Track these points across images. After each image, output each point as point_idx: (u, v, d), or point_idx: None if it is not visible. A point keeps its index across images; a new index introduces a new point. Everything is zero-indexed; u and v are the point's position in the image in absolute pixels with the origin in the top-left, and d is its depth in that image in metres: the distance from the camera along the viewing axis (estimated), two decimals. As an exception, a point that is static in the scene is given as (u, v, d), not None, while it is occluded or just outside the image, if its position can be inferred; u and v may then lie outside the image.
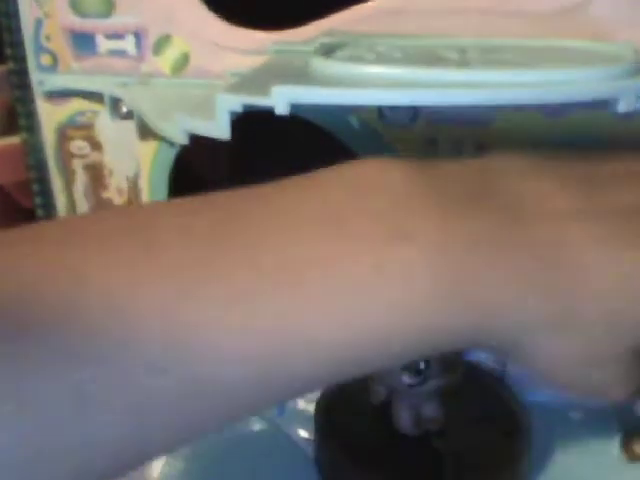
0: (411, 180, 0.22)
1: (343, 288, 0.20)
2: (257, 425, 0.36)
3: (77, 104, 0.36)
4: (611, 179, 0.24)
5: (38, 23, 0.34)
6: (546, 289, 0.21)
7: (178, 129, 0.28)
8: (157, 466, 0.33)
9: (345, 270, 0.20)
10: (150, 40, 0.33)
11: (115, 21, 0.33)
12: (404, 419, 0.33)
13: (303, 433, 0.35)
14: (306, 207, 0.21)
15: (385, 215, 0.21)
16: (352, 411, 0.34)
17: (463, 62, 0.26)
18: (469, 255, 0.20)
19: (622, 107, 0.23)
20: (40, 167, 0.37)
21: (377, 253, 0.20)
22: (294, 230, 0.20)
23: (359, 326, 0.20)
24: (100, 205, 0.38)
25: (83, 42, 0.34)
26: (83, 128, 0.36)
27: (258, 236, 0.20)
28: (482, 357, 0.37)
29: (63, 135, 0.36)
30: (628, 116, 0.25)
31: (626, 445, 0.35)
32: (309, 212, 0.21)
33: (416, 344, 0.21)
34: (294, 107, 0.23)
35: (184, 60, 0.33)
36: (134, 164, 0.37)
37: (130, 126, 0.35)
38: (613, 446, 0.35)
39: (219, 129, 0.25)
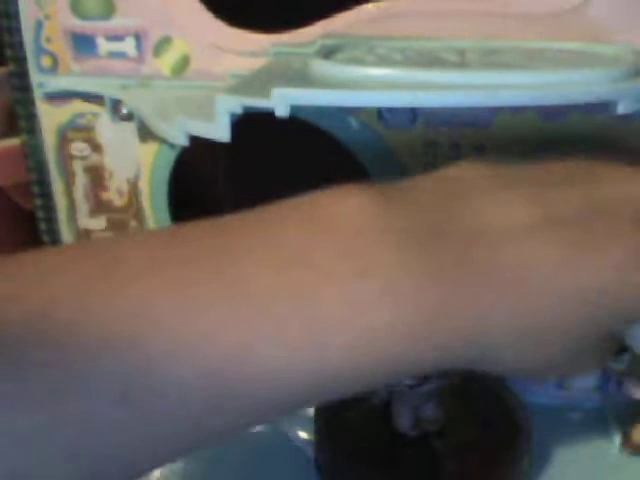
0: (370, 213, 0.22)
1: (307, 320, 0.20)
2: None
3: (77, 106, 0.36)
4: (563, 182, 0.24)
5: (38, 25, 0.34)
6: (508, 314, 0.21)
7: (178, 131, 0.28)
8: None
9: (310, 302, 0.20)
10: (150, 42, 0.33)
11: (115, 23, 0.33)
12: (403, 419, 0.33)
13: (302, 434, 0.35)
14: (270, 243, 0.21)
15: (346, 250, 0.21)
16: (352, 411, 0.34)
17: (462, 64, 0.26)
18: (427, 291, 0.21)
19: (621, 109, 0.23)
20: (40, 169, 0.37)
21: (341, 287, 0.20)
22: (259, 265, 0.21)
23: (321, 357, 0.20)
24: (100, 206, 0.38)
25: (83, 44, 0.34)
26: (83, 130, 0.36)
27: (222, 273, 0.20)
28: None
29: (63, 137, 0.37)
30: (627, 118, 0.25)
31: (625, 438, 0.35)
32: (273, 248, 0.21)
33: (380, 373, 0.21)
34: (294, 109, 0.23)
35: (184, 62, 0.33)
36: (134, 166, 0.37)
37: (130, 128, 0.35)
38: (613, 446, 0.35)
39: (219, 131, 0.25)
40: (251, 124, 0.28)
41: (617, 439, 0.35)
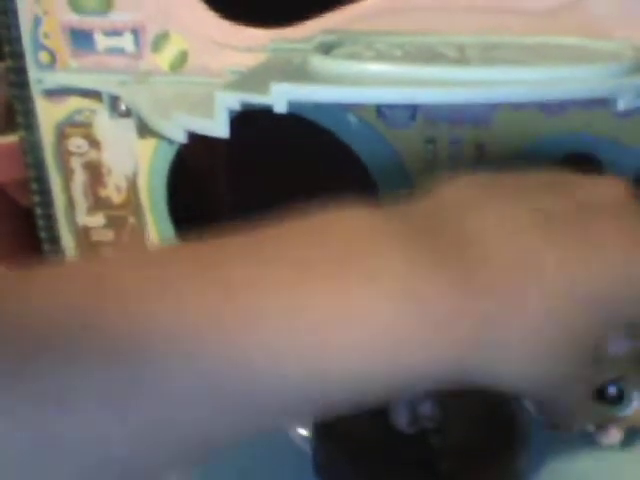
0: (374, 224, 0.22)
1: (309, 327, 0.20)
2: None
3: (75, 102, 0.36)
4: (553, 189, 0.24)
5: (36, 20, 0.34)
6: (514, 315, 0.21)
7: (177, 127, 0.28)
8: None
9: (311, 312, 0.20)
10: (148, 37, 0.33)
11: (113, 18, 0.33)
12: (401, 417, 0.33)
13: (301, 430, 0.35)
14: (276, 257, 0.21)
15: (352, 260, 0.21)
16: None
17: (462, 60, 0.26)
18: (432, 303, 0.20)
19: (621, 105, 0.23)
20: (38, 165, 0.37)
21: (345, 294, 0.20)
22: (264, 278, 0.21)
23: (324, 366, 0.20)
24: (98, 203, 0.38)
25: (81, 40, 0.34)
26: (81, 126, 0.36)
27: (230, 282, 0.20)
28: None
29: (61, 133, 0.36)
30: (627, 114, 0.25)
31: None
32: (278, 261, 0.21)
33: (384, 384, 0.21)
34: (293, 105, 0.23)
35: (183, 58, 0.33)
36: (133, 162, 0.36)
37: (129, 124, 0.35)
38: (612, 438, 0.35)
39: (218, 127, 0.25)
40: (250, 120, 0.28)
41: (617, 432, 0.35)
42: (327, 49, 0.28)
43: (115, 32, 0.33)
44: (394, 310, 0.20)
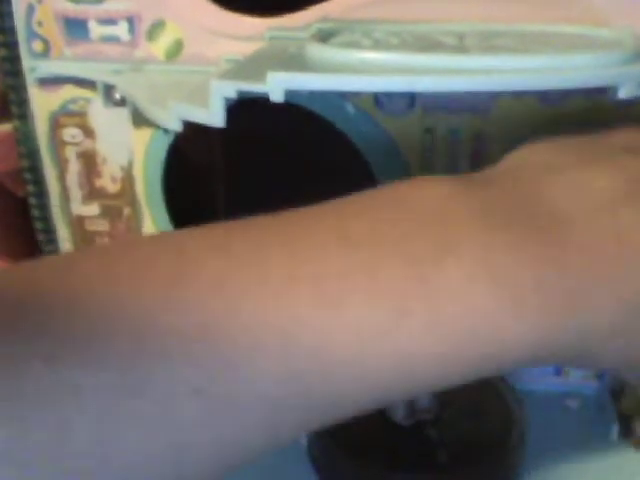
0: (450, 197, 0.21)
1: (385, 304, 0.19)
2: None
3: (70, 91, 0.35)
4: (628, 149, 0.23)
5: (30, 9, 0.33)
6: (611, 292, 0.20)
7: (172, 116, 0.27)
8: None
9: (389, 287, 0.19)
10: (144, 26, 0.33)
11: (108, 6, 0.33)
12: (398, 409, 0.33)
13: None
14: (350, 230, 0.20)
15: (431, 233, 0.20)
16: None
17: (461, 48, 0.26)
18: (519, 270, 0.19)
19: (622, 94, 0.23)
20: (32, 155, 0.37)
21: (424, 268, 0.19)
22: (338, 249, 0.20)
23: (406, 347, 0.19)
24: (93, 193, 0.38)
25: (75, 28, 0.33)
26: (76, 115, 0.36)
27: (302, 251, 0.20)
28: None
29: (56, 123, 0.36)
30: (628, 103, 0.25)
31: (628, 433, 0.35)
32: (353, 235, 0.20)
33: (476, 364, 0.20)
34: (289, 94, 0.23)
35: (178, 46, 0.33)
36: (128, 152, 0.36)
37: (123, 113, 0.35)
38: (611, 434, 0.35)
39: (213, 116, 0.25)
40: (246, 109, 0.28)
41: (615, 427, 0.35)
42: (324, 37, 0.28)
43: (110, 20, 0.33)
44: (477, 285, 0.19)
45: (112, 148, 0.36)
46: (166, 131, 0.34)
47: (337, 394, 0.19)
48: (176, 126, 0.27)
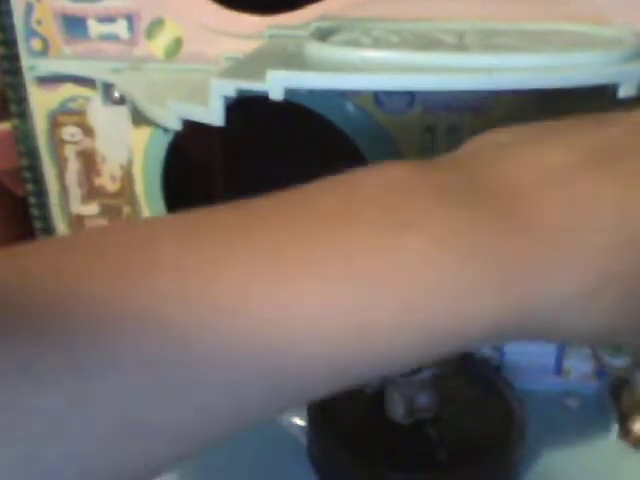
0: (407, 176, 0.21)
1: (340, 278, 0.19)
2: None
3: (69, 90, 0.35)
4: (597, 123, 0.23)
5: (29, 7, 0.33)
6: (571, 262, 0.19)
7: (171, 115, 0.27)
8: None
9: (344, 262, 0.19)
10: (143, 24, 0.33)
11: (107, 4, 0.32)
12: (397, 408, 0.33)
13: (297, 421, 0.35)
14: (304, 211, 0.20)
15: (388, 211, 0.20)
16: (345, 400, 0.34)
17: (461, 46, 0.26)
18: (476, 243, 0.19)
19: (623, 92, 0.23)
20: (32, 154, 0.37)
21: (382, 244, 0.19)
22: (293, 228, 0.20)
23: (366, 320, 0.19)
24: (92, 192, 0.38)
25: (74, 26, 0.33)
26: (75, 114, 0.36)
27: (258, 233, 0.20)
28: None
29: (55, 121, 0.36)
30: (628, 101, 0.25)
31: (625, 432, 0.35)
32: (307, 215, 0.20)
33: (440, 338, 0.19)
34: (289, 92, 0.23)
35: (177, 44, 0.33)
36: (127, 151, 0.36)
37: (123, 112, 0.35)
38: (610, 433, 0.35)
39: (213, 115, 0.25)
40: (246, 108, 0.28)
41: (615, 426, 0.35)
42: (323, 36, 0.27)
43: (109, 18, 0.33)
44: (435, 260, 0.19)
45: (111, 147, 0.36)
46: (165, 130, 0.34)
47: (297, 371, 0.19)
48: (175, 125, 0.27)
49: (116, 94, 0.34)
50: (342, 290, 0.19)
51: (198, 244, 0.20)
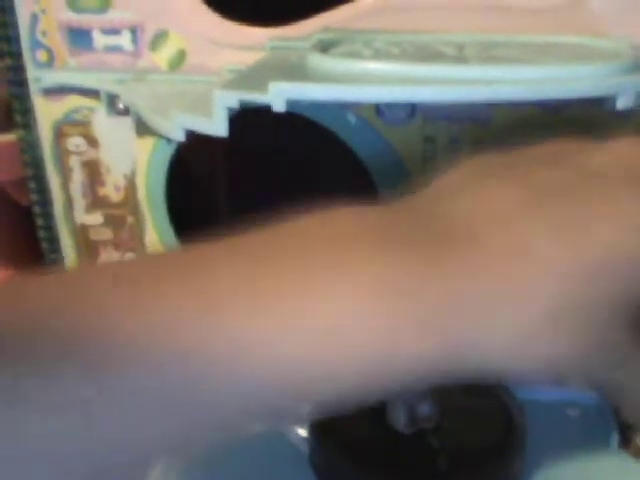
0: (355, 221, 0.21)
1: (273, 316, 0.20)
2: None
3: (73, 101, 0.36)
4: (552, 160, 0.23)
5: (34, 19, 0.34)
6: (506, 301, 0.20)
7: (175, 126, 0.28)
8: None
9: (278, 300, 0.20)
10: (147, 36, 0.33)
11: (111, 16, 0.33)
12: (399, 417, 0.33)
13: (299, 431, 0.35)
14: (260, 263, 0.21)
15: (329, 254, 0.20)
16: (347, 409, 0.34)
17: (461, 58, 0.26)
18: (414, 292, 0.20)
19: (621, 104, 0.23)
20: (37, 164, 0.37)
21: (316, 283, 0.20)
22: (235, 267, 0.21)
23: (298, 358, 0.20)
24: (96, 202, 0.38)
25: (79, 38, 0.34)
26: (80, 125, 0.36)
27: (210, 291, 0.20)
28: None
29: (60, 132, 0.36)
30: (626, 113, 0.25)
31: (628, 443, 0.35)
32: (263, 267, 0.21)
33: (374, 380, 0.20)
34: (291, 104, 0.23)
35: (181, 56, 0.33)
36: (131, 161, 0.36)
37: (127, 123, 0.35)
38: (611, 443, 0.35)
39: (216, 126, 0.25)
40: (249, 119, 0.28)
41: (616, 436, 0.35)
42: (325, 47, 0.28)
43: (113, 30, 0.33)
44: (372, 306, 0.19)
45: (115, 157, 0.37)
46: (169, 140, 0.34)
47: (225, 406, 0.20)
48: (179, 136, 0.28)
49: (120, 105, 0.35)
50: (272, 329, 0.19)
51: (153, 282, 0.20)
